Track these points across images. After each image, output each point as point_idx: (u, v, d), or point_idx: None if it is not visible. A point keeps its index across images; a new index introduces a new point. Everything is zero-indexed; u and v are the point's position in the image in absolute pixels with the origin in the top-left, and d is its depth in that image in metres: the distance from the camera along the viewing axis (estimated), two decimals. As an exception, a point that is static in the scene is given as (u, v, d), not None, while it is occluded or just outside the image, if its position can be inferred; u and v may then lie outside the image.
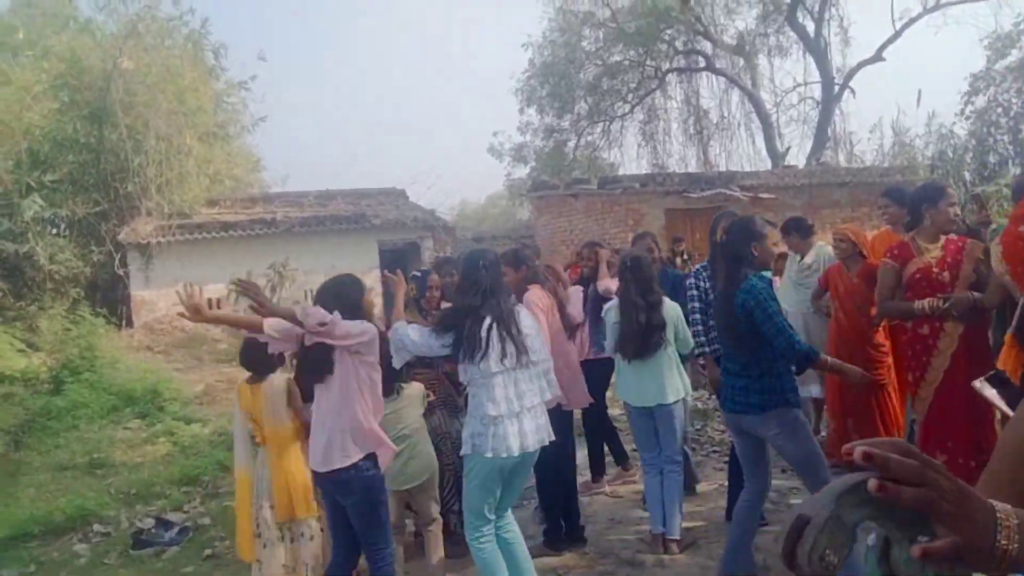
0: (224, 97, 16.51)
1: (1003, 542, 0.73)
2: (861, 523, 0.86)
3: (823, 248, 5.49)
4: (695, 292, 4.46)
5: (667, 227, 11.97)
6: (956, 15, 33.97)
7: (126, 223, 13.21)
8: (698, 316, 4.38)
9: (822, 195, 13.41)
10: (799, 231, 5.56)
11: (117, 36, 13.85)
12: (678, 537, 4.08)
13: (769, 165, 19.62)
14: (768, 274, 3.73)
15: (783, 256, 5.52)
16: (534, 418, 3.27)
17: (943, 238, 3.75)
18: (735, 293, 3.30)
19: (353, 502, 3.12)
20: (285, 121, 56.56)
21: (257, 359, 3.60)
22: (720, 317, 3.50)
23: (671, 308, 4.21)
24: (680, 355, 4.26)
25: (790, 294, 5.43)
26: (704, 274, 4.46)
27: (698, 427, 6.67)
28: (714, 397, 5.47)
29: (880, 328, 4.73)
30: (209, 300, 3.59)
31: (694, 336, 4.33)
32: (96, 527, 5.31)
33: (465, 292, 3.29)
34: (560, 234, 14.12)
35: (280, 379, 3.67)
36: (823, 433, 5.36)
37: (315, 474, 3.25)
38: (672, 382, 4.14)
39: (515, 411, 3.20)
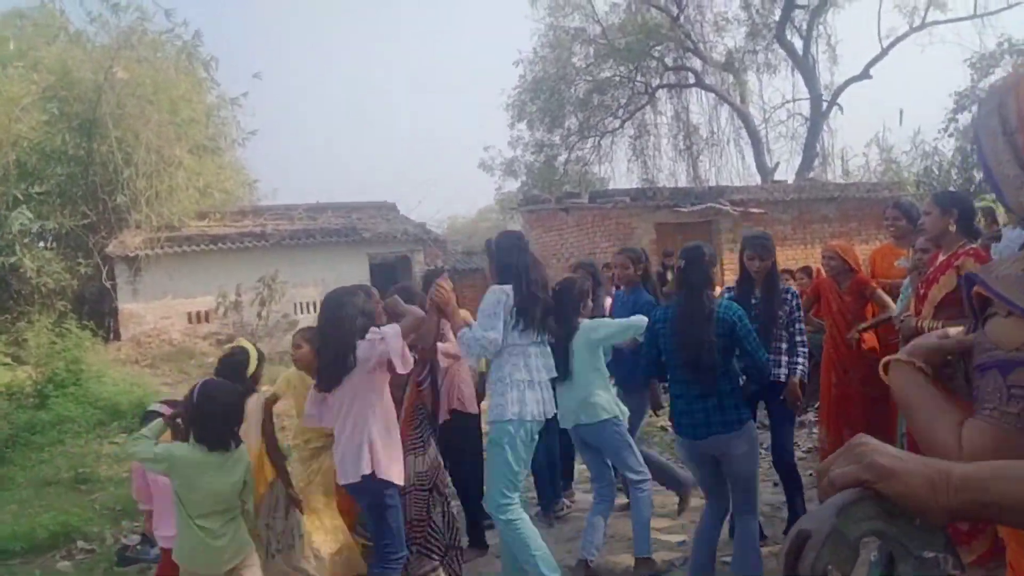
0: (216, 111, 16.50)
1: (940, 498, 0.83)
2: (864, 537, 0.85)
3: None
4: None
5: (657, 241, 12.00)
6: (941, 34, 34.49)
7: (114, 235, 13.13)
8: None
9: (811, 210, 13.50)
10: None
11: (108, 48, 13.82)
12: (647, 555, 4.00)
13: (758, 180, 19.76)
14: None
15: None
16: (547, 389, 3.58)
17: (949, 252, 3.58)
18: (713, 311, 3.36)
19: (367, 504, 3.33)
20: (276, 135, 56.56)
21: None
22: (685, 339, 3.38)
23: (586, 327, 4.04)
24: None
25: None
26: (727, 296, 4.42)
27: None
28: None
29: (859, 341, 4.70)
30: None
31: None
32: (80, 544, 5.22)
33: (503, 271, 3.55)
34: (551, 248, 14.15)
35: (254, 400, 3.63)
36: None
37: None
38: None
39: (537, 381, 3.51)
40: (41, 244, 13.32)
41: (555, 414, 3.74)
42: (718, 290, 4.53)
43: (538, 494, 5.07)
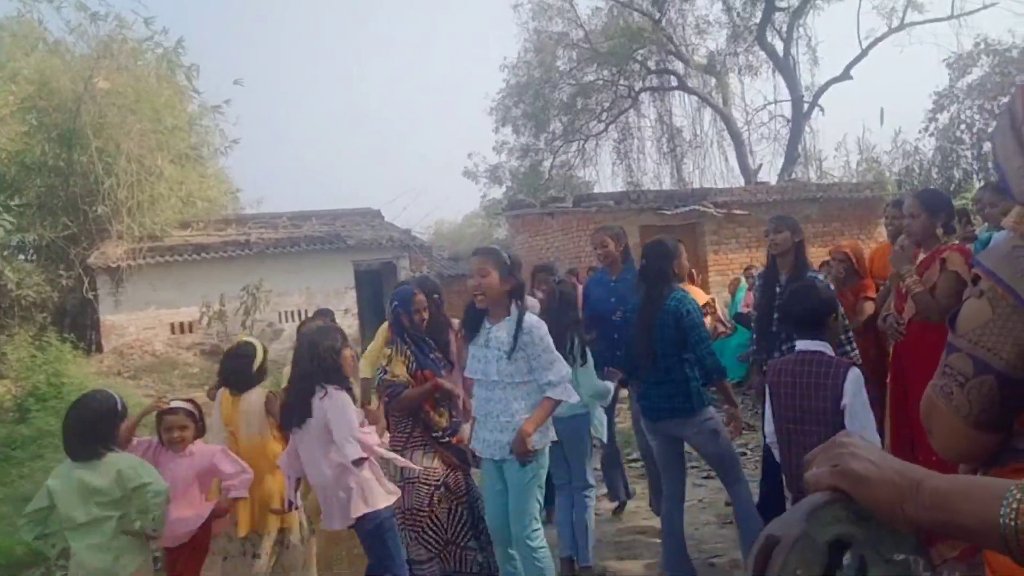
0: (198, 119, 16.38)
1: (908, 509, 0.82)
2: (833, 542, 0.84)
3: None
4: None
5: (642, 244, 12.05)
6: (919, 35, 35.02)
7: (96, 246, 12.98)
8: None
9: (794, 211, 13.52)
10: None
11: (88, 57, 13.69)
12: (590, 564, 3.96)
13: (742, 182, 19.88)
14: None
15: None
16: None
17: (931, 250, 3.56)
18: (665, 301, 3.54)
19: (362, 537, 3.37)
20: (260, 143, 56.32)
21: (238, 375, 3.69)
22: (643, 327, 3.61)
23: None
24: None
25: None
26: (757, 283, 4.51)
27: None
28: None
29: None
30: None
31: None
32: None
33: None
34: (537, 252, 14.15)
35: (258, 393, 3.70)
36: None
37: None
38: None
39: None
40: (21, 256, 13.16)
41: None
42: (697, 291, 4.57)
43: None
